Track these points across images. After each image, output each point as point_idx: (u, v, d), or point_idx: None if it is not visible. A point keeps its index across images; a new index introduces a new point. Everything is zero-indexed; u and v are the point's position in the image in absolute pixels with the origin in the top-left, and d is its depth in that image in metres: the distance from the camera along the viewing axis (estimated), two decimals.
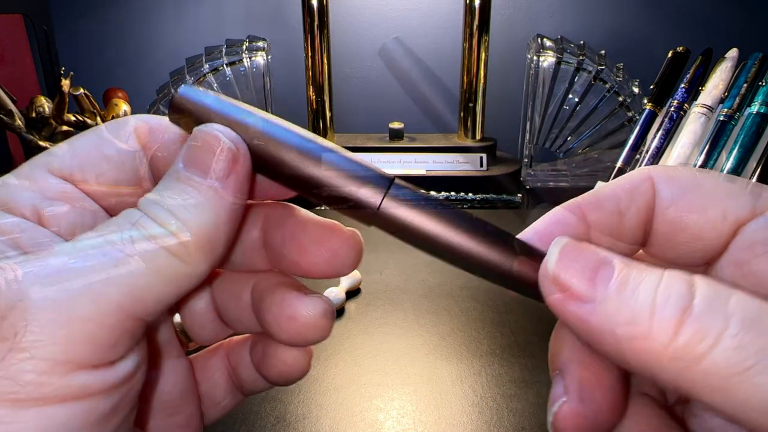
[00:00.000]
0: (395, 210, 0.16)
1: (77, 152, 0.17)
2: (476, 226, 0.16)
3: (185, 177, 0.15)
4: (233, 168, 0.15)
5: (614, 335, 0.13)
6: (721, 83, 0.68)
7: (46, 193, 0.16)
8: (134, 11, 0.86)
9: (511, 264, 0.15)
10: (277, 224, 0.18)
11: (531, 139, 0.77)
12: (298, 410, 0.35)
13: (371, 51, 0.87)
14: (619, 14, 0.85)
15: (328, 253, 0.18)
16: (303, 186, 0.16)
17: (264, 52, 0.76)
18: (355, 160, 0.16)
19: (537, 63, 0.74)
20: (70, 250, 0.13)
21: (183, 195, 0.15)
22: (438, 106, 0.89)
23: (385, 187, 0.16)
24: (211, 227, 0.15)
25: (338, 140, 0.79)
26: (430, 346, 0.42)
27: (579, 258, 0.14)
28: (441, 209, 0.16)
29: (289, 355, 0.19)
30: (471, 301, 0.47)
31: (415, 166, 0.75)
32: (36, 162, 0.16)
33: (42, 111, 0.67)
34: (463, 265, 0.16)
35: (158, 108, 0.75)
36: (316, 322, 0.18)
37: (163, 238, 0.14)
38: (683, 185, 0.15)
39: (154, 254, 0.14)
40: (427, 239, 0.16)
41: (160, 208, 0.14)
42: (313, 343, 0.18)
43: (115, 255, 0.13)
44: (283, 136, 0.16)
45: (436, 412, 0.35)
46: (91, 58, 0.87)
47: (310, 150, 0.16)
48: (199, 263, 0.15)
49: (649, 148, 0.69)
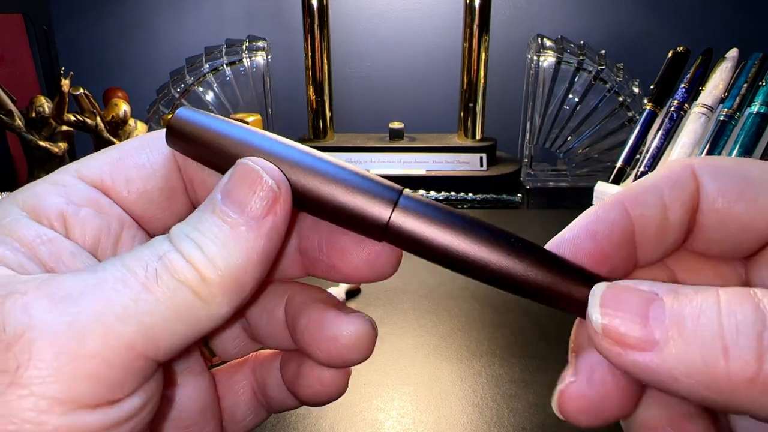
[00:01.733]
0: (406, 225, 0.15)
1: (108, 159, 0.16)
2: (499, 238, 0.15)
3: (220, 211, 0.14)
4: (272, 208, 0.14)
5: (688, 378, 0.12)
6: (721, 83, 0.68)
7: (74, 198, 0.15)
8: (134, 11, 0.86)
9: (544, 281, 0.15)
10: (313, 228, 0.18)
11: (531, 139, 0.77)
12: (298, 410, 0.35)
13: (371, 51, 0.87)
14: (619, 14, 0.85)
15: (369, 255, 0.17)
16: (308, 205, 0.16)
17: (264, 52, 0.76)
18: (358, 173, 0.16)
19: (537, 63, 0.74)
20: (86, 277, 0.13)
21: (215, 229, 0.14)
22: (438, 106, 0.89)
23: (393, 202, 0.15)
24: (240, 268, 0.14)
25: (338, 140, 0.79)
26: (430, 347, 0.42)
27: (623, 302, 0.13)
28: (455, 219, 0.15)
29: (327, 375, 0.18)
30: (471, 301, 0.47)
31: (415, 166, 0.75)
32: (66, 168, 0.16)
33: (42, 111, 0.67)
34: (487, 280, 0.15)
35: (158, 108, 0.75)
36: (357, 343, 0.17)
37: (188, 275, 0.13)
38: (729, 175, 0.15)
39: (175, 292, 0.13)
40: (448, 256, 0.15)
41: (189, 241, 0.14)
42: (354, 365, 0.17)
43: (135, 289, 0.13)
44: (288, 154, 0.15)
45: (436, 412, 0.35)
46: (91, 58, 0.87)
47: (317, 166, 0.15)
48: (221, 305, 0.14)
49: (649, 148, 0.69)
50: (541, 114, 0.76)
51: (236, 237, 0.14)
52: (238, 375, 0.20)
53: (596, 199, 0.70)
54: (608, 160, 0.77)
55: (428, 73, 0.88)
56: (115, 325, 0.12)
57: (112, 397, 0.12)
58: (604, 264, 0.15)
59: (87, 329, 0.12)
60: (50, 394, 0.12)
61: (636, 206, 0.15)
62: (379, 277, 0.17)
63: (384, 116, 0.84)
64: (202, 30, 0.86)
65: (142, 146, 0.17)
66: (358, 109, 0.90)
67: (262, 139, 0.16)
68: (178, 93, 0.74)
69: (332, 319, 0.17)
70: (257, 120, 0.72)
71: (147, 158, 0.17)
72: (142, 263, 0.13)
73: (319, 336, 0.17)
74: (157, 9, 0.86)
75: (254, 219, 0.14)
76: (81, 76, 0.76)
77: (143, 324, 0.13)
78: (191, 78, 0.75)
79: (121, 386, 0.13)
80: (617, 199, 0.15)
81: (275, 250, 0.15)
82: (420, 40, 0.87)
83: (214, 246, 0.14)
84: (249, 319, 0.19)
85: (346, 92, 0.89)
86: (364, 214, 0.15)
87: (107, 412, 0.12)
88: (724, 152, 0.65)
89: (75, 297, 0.12)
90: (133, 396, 0.13)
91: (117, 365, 0.12)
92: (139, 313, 0.12)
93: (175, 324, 0.13)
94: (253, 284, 0.14)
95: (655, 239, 0.15)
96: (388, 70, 0.88)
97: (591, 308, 0.13)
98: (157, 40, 0.87)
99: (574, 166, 0.79)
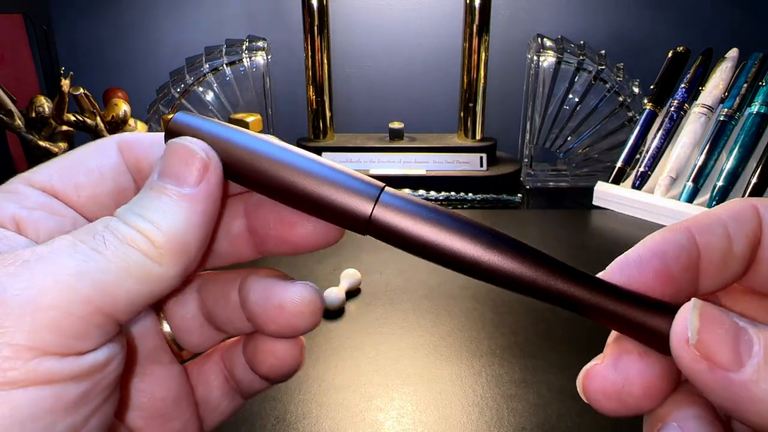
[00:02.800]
0: (389, 219, 0.16)
1: (58, 166, 0.17)
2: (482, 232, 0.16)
3: (158, 186, 0.15)
4: (204, 175, 0.16)
5: (763, 403, 0.13)
6: (721, 83, 0.68)
7: (26, 204, 0.16)
8: (134, 11, 0.86)
9: (540, 278, 0.15)
10: (258, 207, 0.19)
11: (531, 139, 0.77)
12: (298, 410, 0.35)
13: (371, 51, 0.87)
14: (619, 14, 0.85)
15: (315, 224, 0.18)
16: (298, 201, 0.17)
17: (264, 52, 0.76)
18: (343, 171, 0.17)
19: (537, 63, 0.74)
20: (41, 248, 0.14)
21: (156, 202, 0.15)
22: (438, 106, 0.89)
23: (374, 197, 0.16)
24: (184, 230, 0.15)
25: (338, 140, 0.79)
26: (431, 347, 0.42)
27: (719, 324, 0.14)
28: (438, 215, 0.16)
29: (279, 348, 0.19)
30: (471, 301, 0.47)
31: (415, 166, 0.75)
32: (17, 177, 0.17)
33: (42, 111, 0.67)
34: (472, 274, 0.16)
35: (158, 108, 0.75)
36: (303, 309, 0.18)
37: (135, 238, 0.14)
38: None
39: (125, 253, 0.14)
40: (430, 249, 0.16)
41: (133, 213, 0.15)
42: (303, 333, 0.18)
43: (85, 251, 0.14)
44: (274, 153, 0.16)
45: (436, 412, 0.35)
46: (91, 58, 0.87)
47: (298, 162, 0.16)
48: (171, 265, 0.15)
49: (649, 148, 0.69)
50: (541, 114, 0.76)
51: (176, 204, 0.15)
52: (209, 364, 0.21)
53: (596, 199, 0.70)
54: (608, 160, 0.77)
55: (428, 73, 0.88)
56: (70, 281, 0.13)
57: (76, 348, 0.14)
58: (668, 285, 0.16)
59: (45, 287, 0.13)
60: (14, 342, 0.13)
61: (703, 234, 0.16)
62: (328, 243, 0.18)
63: (384, 116, 0.84)
64: (202, 30, 0.86)
65: (93, 152, 0.18)
66: (358, 109, 0.90)
67: (260, 143, 0.17)
68: (178, 93, 0.74)
69: (277, 288, 0.18)
70: (257, 120, 0.72)
71: (96, 163, 0.18)
72: (90, 233, 0.14)
73: (267, 306, 0.18)
74: (157, 9, 0.86)
75: (190, 186, 0.15)
76: (81, 76, 0.76)
77: (97, 281, 0.14)
78: (191, 78, 0.75)
79: (84, 338, 0.14)
80: (684, 225, 0.16)
81: (214, 213, 0.16)
82: (420, 40, 0.87)
83: (156, 214, 0.15)
84: (207, 307, 0.20)
85: (346, 92, 0.89)
86: (349, 209, 0.16)
87: (73, 361, 0.13)
88: (724, 152, 0.65)
89: (32, 263, 0.13)
90: (97, 351, 0.14)
91: (77, 317, 0.13)
92: (91, 271, 0.14)
93: (128, 282, 0.14)
94: (197, 245, 0.16)
95: (719, 268, 0.16)
96: (388, 70, 0.88)
97: (690, 321, 0.14)
98: (157, 40, 0.87)
99: (574, 166, 0.79)
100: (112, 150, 0.18)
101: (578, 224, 0.65)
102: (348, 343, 0.42)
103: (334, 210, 0.16)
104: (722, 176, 0.63)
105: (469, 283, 0.49)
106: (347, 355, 0.41)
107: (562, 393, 0.37)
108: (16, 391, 0.13)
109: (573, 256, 0.57)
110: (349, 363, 0.40)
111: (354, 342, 0.42)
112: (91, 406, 0.14)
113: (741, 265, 0.16)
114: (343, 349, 0.42)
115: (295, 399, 0.36)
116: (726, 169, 0.63)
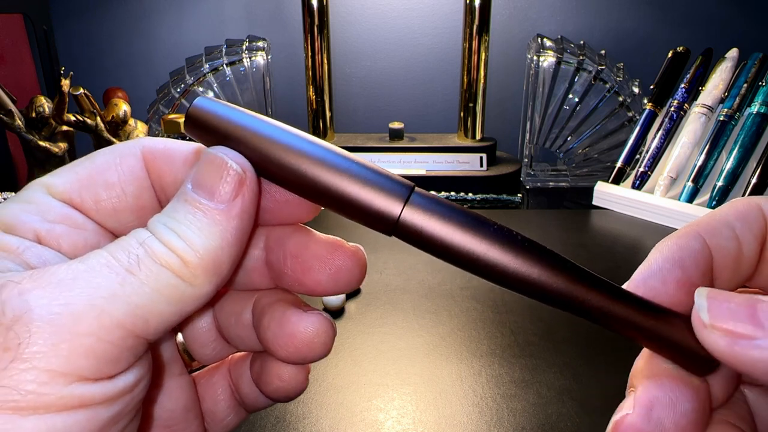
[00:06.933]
0: (418, 222, 0.15)
1: (77, 176, 0.17)
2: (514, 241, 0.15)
3: (192, 199, 0.15)
4: (239, 191, 0.15)
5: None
6: (721, 83, 0.68)
7: (47, 215, 0.16)
8: (134, 11, 0.86)
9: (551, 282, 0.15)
10: (279, 242, 0.18)
11: (531, 139, 0.77)
12: (298, 410, 0.35)
13: (371, 51, 0.87)
14: (619, 14, 0.85)
15: (331, 270, 0.17)
16: (320, 196, 0.16)
17: (264, 52, 0.76)
18: (371, 167, 0.16)
19: (537, 63, 0.74)
20: (76, 266, 0.14)
21: (190, 216, 0.15)
22: (438, 106, 0.89)
23: (404, 197, 0.15)
24: (217, 249, 0.15)
25: (338, 140, 0.79)
26: (430, 346, 0.42)
27: (729, 300, 0.14)
28: (467, 218, 0.15)
29: (285, 371, 0.19)
30: (471, 301, 0.47)
31: (415, 166, 0.75)
32: (35, 185, 0.16)
33: (42, 111, 0.67)
34: (496, 280, 0.15)
35: (158, 108, 0.75)
36: (314, 340, 0.17)
37: (168, 260, 0.14)
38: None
39: (158, 275, 0.14)
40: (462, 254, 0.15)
41: (167, 229, 0.15)
42: (312, 361, 0.18)
43: (120, 273, 0.14)
44: (298, 145, 0.16)
45: (436, 412, 0.35)
46: (91, 58, 0.87)
47: (323, 156, 0.16)
48: (204, 285, 0.15)
49: (649, 148, 0.69)
50: (541, 114, 0.76)
51: (209, 220, 0.15)
52: (216, 377, 0.21)
53: (596, 199, 0.70)
54: (608, 160, 0.77)
55: (428, 73, 0.88)
56: (105, 306, 0.13)
57: (109, 372, 0.14)
58: (690, 294, 0.15)
59: (81, 311, 0.13)
60: (51, 368, 0.12)
61: (713, 237, 0.16)
62: (342, 290, 0.18)
63: (384, 116, 0.84)
64: (202, 30, 0.86)
65: (113, 162, 0.17)
66: (358, 109, 0.90)
67: (281, 133, 0.16)
68: (178, 93, 0.74)
69: (291, 317, 0.18)
70: None
71: (117, 177, 0.17)
72: (124, 250, 0.14)
73: (279, 333, 0.18)
74: (157, 9, 0.86)
75: (224, 202, 0.15)
76: (81, 76, 0.76)
77: (131, 304, 0.13)
78: (191, 78, 0.75)
79: (116, 362, 0.14)
80: (694, 230, 0.16)
81: (247, 230, 0.16)
82: (420, 40, 0.87)
83: (190, 231, 0.15)
84: (220, 322, 0.20)
85: (346, 92, 0.89)
86: (376, 209, 0.15)
87: (105, 386, 0.13)
88: (724, 152, 0.65)
89: (67, 283, 0.13)
90: (127, 372, 0.14)
91: (110, 342, 0.13)
92: (126, 295, 0.13)
93: (160, 304, 0.14)
94: (230, 263, 0.15)
95: (732, 271, 0.16)
96: (388, 70, 0.88)
97: (700, 306, 0.14)
98: (157, 40, 0.87)
99: (574, 166, 0.79)
100: (135, 160, 0.17)
101: (578, 224, 0.65)
102: (348, 343, 0.42)
103: (360, 209, 0.15)
104: (722, 176, 0.63)
105: (469, 283, 0.49)
106: (347, 355, 0.41)
107: (562, 393, 0.37)
108: (51, 415, 0.13)
109: (573, 256, 0.56)
110: (349, 363, 0.40)
111: (354, 342, 0.42)
112: (120, 427, 0.14)
113: (751, 266, 0.16)
114: (343, 349, 0.42)
115: (295, 399, 0.36)
116: (726, 169, 0.64)
